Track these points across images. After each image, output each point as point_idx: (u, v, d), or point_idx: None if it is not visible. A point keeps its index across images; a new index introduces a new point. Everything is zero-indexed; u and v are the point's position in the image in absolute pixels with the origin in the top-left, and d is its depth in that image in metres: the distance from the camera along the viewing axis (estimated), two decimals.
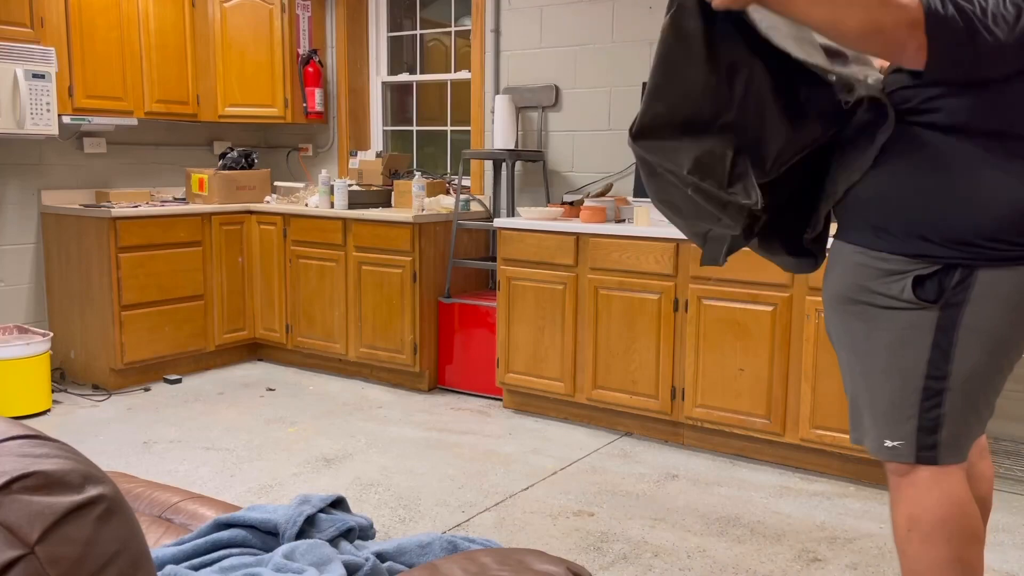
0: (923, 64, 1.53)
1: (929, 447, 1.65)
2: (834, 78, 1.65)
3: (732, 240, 1.81)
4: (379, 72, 5.36)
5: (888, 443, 1.68)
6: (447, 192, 4.81)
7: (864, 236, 1.69)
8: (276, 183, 5.22)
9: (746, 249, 1.96)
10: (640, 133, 1.64)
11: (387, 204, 4.81)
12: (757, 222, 1.76)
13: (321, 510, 1.43)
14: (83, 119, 4.41)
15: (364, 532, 1.46)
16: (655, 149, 1.64)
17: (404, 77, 5.28)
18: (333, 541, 1.38)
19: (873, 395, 1.71)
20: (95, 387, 4.44)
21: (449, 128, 5.13)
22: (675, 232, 3.52)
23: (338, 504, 1.50)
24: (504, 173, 4.63)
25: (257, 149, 5.49)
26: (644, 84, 4.05)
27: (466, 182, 4.75)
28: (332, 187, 4.64)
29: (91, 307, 4.41)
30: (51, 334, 4.17)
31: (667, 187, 1.72)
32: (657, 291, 3.59)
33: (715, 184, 1.61)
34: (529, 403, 4.10)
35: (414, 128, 5.29)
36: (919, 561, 1.67)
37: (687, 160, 1.62)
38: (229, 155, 5.00)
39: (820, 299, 2.44)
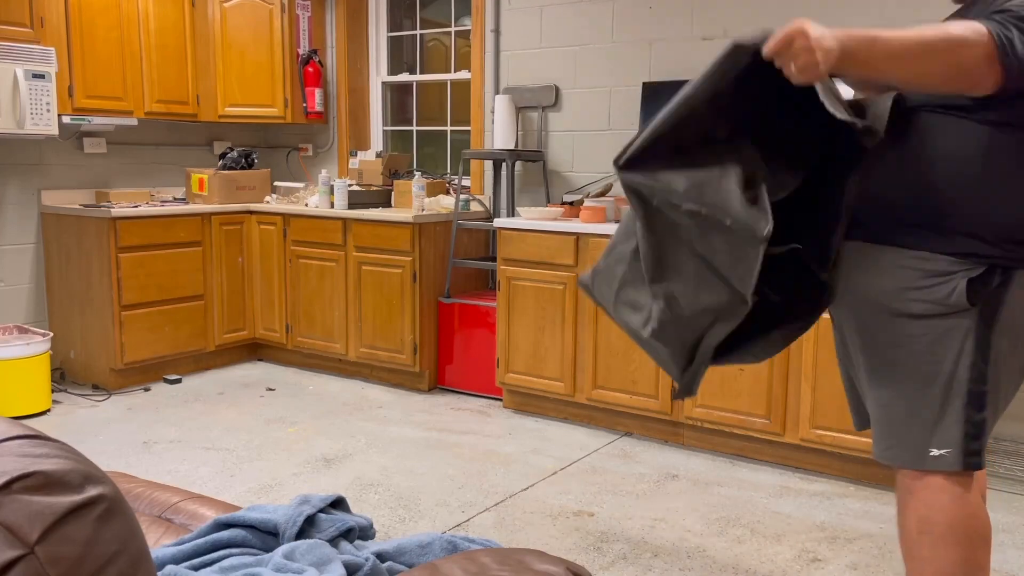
0: (998, 88, 1.49)
1: (975, 452, 1.63)
2: (860, 124, 1.59)
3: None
4: (379, 72, 5.36)
5: (934, 451, 1.64)
6: (447, 192, 4.81)
7: (899, 235, 1.63)
8: (276, 183, 5.22)
9: None
10: (629, 162, 1.56)
11: (387, 204, 4.81)
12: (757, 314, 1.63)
13: (321, 510, 1.43)
14: (83, 119, 4.41)
15: (364, 532, 1.46)
16: (646, 178, 1.56)
17: (404, 77, 5.28)
18: (333, 541, 1.38)
19: (911, 404, 1.66)
20: (95, 387, 4.44)
21: (449, 128, 5.13)
22: None
23: (338, 504, 1.50)
24: (504, 173, 4.63)
25: (257, 149, 5.49)
26: (644, 85, 4.06)
27: (466, 182, 4.75)
28: (332, 187, 4.64)
29: (91, 307, 4.41)
30: (51, 334, 4.17)
31: (666, 235, 1.60)
32: None
33: (719, 208, 1.51)
34: (529, 403, 4.10)
35: (414, 128, 5.29)
36: (930, 563, 1.65)
37: (681, 183, 1.54)
38: (229, 155, 5.01)
39: None
